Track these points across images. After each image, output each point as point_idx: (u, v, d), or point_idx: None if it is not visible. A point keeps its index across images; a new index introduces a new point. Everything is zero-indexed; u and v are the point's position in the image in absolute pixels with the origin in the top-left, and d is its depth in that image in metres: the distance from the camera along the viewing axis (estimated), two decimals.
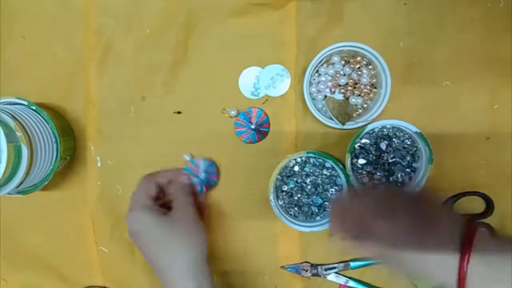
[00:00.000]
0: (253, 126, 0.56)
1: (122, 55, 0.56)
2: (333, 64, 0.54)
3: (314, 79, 0.54)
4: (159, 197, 0.52)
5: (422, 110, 0.54)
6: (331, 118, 0.53)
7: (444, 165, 0.54)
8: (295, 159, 0.54)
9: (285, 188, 0.54)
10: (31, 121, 0.49)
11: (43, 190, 0.52)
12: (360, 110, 0.54)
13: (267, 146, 0.56)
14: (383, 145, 0.52)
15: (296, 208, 0.54)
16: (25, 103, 0.51)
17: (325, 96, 0.54)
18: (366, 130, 0.51)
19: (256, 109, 0.55)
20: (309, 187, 0.54)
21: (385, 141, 0.52)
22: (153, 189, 0.52)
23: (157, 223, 0.47)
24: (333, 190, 0.54)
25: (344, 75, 0.54)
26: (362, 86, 0.53)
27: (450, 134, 0.54)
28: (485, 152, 0.54)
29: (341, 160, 0.53)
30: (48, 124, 0.51)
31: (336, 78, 0.54)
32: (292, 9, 0.55)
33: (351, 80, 0.53)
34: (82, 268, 0.58)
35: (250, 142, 0.56)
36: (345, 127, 0.53)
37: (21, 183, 0.47)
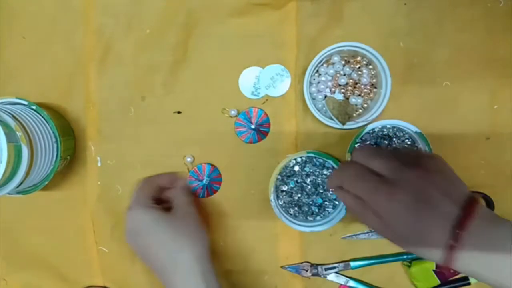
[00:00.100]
0: (253, 126, 0.55)
1: (122, 55, 0.56)
2: (333, 64, 0.54)
3: (314, 79, 0.54)
4: (159, 200, 0.52)
5: (422, 110, 0.54)
6: (331, 118, 0.53)
7: None
8: (295, 159, 0.54)
9: (285, 188, 0.54)
10: (31, 121, 0.49)
11: (43, 190, 0.52)
12: (360, 110, 0.54)
13: (267, 146, 0.56)
14: (383, 145, 0.52)
15: (296, 208, 0.54)
16: (25, 103, 0.51)
17: (325, 96, 0.54)
18: (366, 130, 0.51)
19: (256, 109, 0.55)
20: (309, 187, 0.54)
21: (385, 141, 0.52)
22: (153, 189, 0.52)
23: (157, 222, 0.47)
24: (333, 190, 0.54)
25: (344, 75, 0.54)
26: (362, 86, 0.53)
27: (450, 134, 0.54)
28: (485, 152, 0.54)
29: (341, 160, 0.53)
30: (48, 124, 0.51)
31: (336, 78, 0.54)
32: (292, 9, 0.55)
33: (351, 80, 0.53)
34: (82, 268, 0.58)
35: (250, 142, 0.56)
36: (345, 127, 0.53)
37: (21, 183, 0.47)
